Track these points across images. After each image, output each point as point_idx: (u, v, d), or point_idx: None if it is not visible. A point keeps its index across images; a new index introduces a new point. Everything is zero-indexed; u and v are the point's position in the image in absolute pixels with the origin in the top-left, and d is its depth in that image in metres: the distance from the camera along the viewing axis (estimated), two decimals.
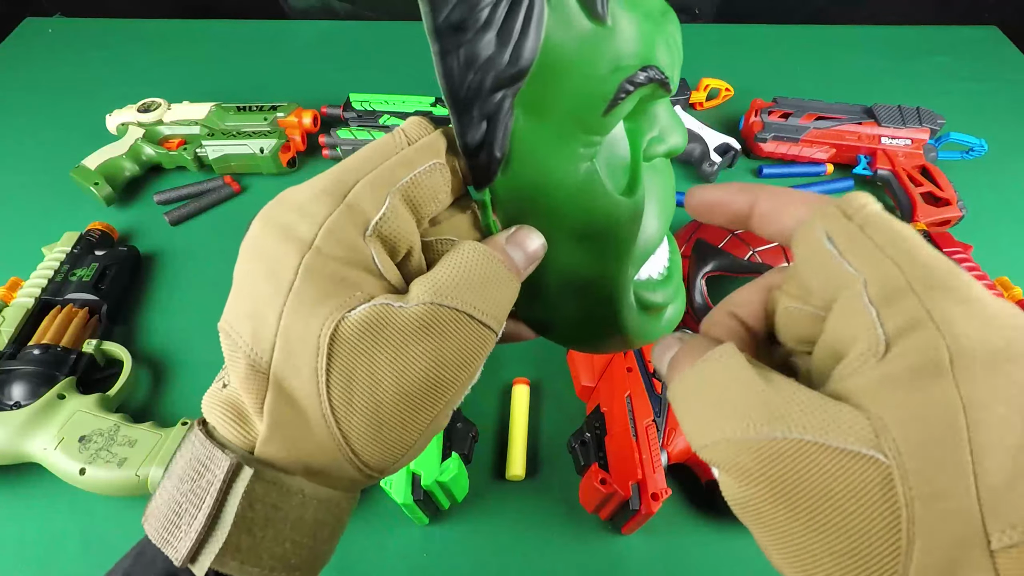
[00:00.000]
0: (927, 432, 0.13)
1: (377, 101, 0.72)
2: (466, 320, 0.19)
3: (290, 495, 0.18)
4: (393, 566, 0.42)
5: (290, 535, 0.18)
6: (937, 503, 0.13)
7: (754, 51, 0.92)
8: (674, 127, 0.25)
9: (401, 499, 0.38)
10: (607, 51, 0.20)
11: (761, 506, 0.16)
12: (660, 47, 0.21)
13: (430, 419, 0.19)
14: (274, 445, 0.18)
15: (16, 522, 0.44)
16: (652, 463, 0.40)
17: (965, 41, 0.94)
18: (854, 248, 0.16)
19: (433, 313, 0.18)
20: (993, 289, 0.54)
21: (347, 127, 0.70)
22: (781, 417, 0.15)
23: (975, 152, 0.71)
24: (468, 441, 0.43)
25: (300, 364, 0.18)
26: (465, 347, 0.19)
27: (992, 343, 0.14)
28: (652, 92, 0.22)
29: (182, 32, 0.94)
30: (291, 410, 0.18)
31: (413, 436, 0.19)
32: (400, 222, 0.19)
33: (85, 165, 0.65)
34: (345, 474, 0.19)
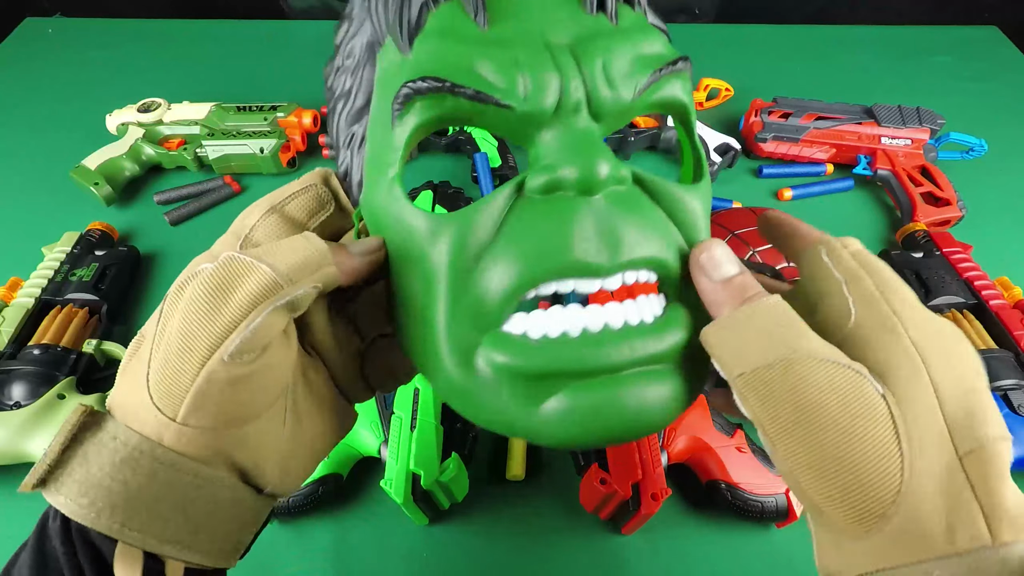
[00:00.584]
0: (908, 382, 0.19)
1: None
2: (249, 266, 0.21)
3: (102, 431, 0.20)
4: (393, 566, 0.42)
5: (97, 474, 0.19)
6: (916, 421, 0.19)
7: (754, 51, 0.92)
8: (568, 158, 0.21)
9: (401, 499, 0.38)
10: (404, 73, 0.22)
11: (787, 423, 0.20)
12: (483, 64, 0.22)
13: (202, 360, 0.20)
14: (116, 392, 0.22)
15: (16, 522, 0.44)
16: (652, 463, 0.40)
17: (965, 41, 0.94)
18: (840, 264, 0.22)
19: (225, 262, 0.21)
20: (993, 289, 0.54)
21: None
22: (820, 349, 0.20)
23: (975, 152, 0.71)
24: (468, 441, 0.43)
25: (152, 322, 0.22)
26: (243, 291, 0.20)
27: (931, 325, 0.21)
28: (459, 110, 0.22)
29: (182, 32, 0.94)
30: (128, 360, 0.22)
31: (187, 377, 0.20)
32: (271, 229, 0.25)
33: (85, 165, 0.65)
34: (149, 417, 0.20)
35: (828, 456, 0.19)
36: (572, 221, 0.21)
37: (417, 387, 0.44)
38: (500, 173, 0.67)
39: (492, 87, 0.22)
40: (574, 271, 0.21)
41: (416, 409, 0.43)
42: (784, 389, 0.19)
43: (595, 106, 0.22)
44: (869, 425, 0.19)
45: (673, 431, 0.43)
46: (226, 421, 0.21)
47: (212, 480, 0.21)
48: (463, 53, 0.22)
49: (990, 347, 0.49)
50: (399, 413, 0.42)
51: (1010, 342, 0.49)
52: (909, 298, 0.21)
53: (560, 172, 0.21)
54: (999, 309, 0.52)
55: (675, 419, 0.23)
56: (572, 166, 0.21)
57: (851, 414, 0.19)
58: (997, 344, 0.50)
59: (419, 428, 0.42)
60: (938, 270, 0.56)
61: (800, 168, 0.71)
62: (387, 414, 0.43)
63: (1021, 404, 0.46)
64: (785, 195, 0.68)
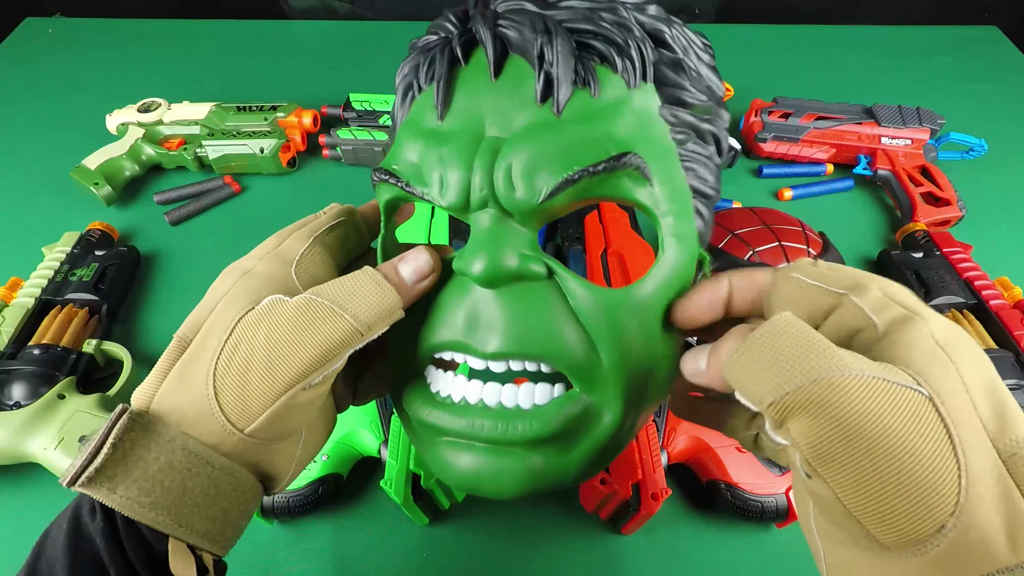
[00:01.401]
0: (946, 381, 0.18)
1: (377, 101, 0.72)
2: (329, 311, 0.23)
3: (158, 436, 0.21)
4: (393, 566, 0.42)
5: (157, 476, 0.21)
6: (962, 424, 0.17)
7: (754, 51, 0.92)
8: (473, 252, 0.24)
9: (401, 499, 0.38)
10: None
11: (833, 445, 0.18)
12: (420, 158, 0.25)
13: (286, 386, 0.22)
14: (161, 400, 0.23)
15: (16, 522, 0.44)
16: (652, 463, 0.40)
17: (965, 41, 0.94)
18: (833, 279, 0.22)
19: (306, 303, 0.23)
20: (993, 289, 0.54)
21: (347, 127, 0.70)
22: (853, 362, 0.18)
23: (975, 152, 0.71)
24: None
25: (211, 339, 0.23)
26: (327, 334, 0.22)
27: (945, 323, 0.20)
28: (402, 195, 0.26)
29: (182, 32, 0.94)
30: (186, 372, 0.23)
31: (270, 398, 0.22)
32: (316, 258, 0.27)
33: (85, 165, 0.65)
34: (213, 427, 0.22)
35: (883, 476, 0.17)
36: (465, 305, 0.25)
37: None
38: None
39: (421, 181, 0.25)
40: (461, 349, 0.25)
41: None
42: (826, 411, 0.18)
43: (503, 204, 0.23)
44: (924, 435, 0.17)
45: (673, 431, 0.43)
46: (282, 436, 0.24)
47: (246, 484, 0.24)
48: (411, 146, 0.25)
49: (990, 347, 0.49)
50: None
51: (1010, 342, 0.49)
52: (913, 297, 0.21)
53: (465, 264, 0.24)
54: (999, 309, 0.52)
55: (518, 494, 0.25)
56: (476, 260, 0.23)
57: (902, 427, 0.17)
58: (997, 344, 0.50)
59: None
60: (938, 270, 0.56)
61: (800, 168, 0.71)
62: (387, 414, 0.43)
63: (1021, 404, 0.46)
64: (785, 195, 0.68)
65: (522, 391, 0.25)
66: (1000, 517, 0.17)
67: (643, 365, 0.25)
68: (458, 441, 0.26)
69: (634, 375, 0.25)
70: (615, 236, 0.56)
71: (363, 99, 0.72)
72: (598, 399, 0.25)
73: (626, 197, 0.24)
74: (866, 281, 0.21)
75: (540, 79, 0.23)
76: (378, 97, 0.72)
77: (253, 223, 0.64)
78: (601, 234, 0.57)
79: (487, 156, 0.23)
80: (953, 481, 0.17)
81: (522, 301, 0.24)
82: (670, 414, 0.43)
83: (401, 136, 0.26)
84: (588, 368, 0.24)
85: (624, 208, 0.60)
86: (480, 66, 0.25)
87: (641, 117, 0.24)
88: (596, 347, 0.24)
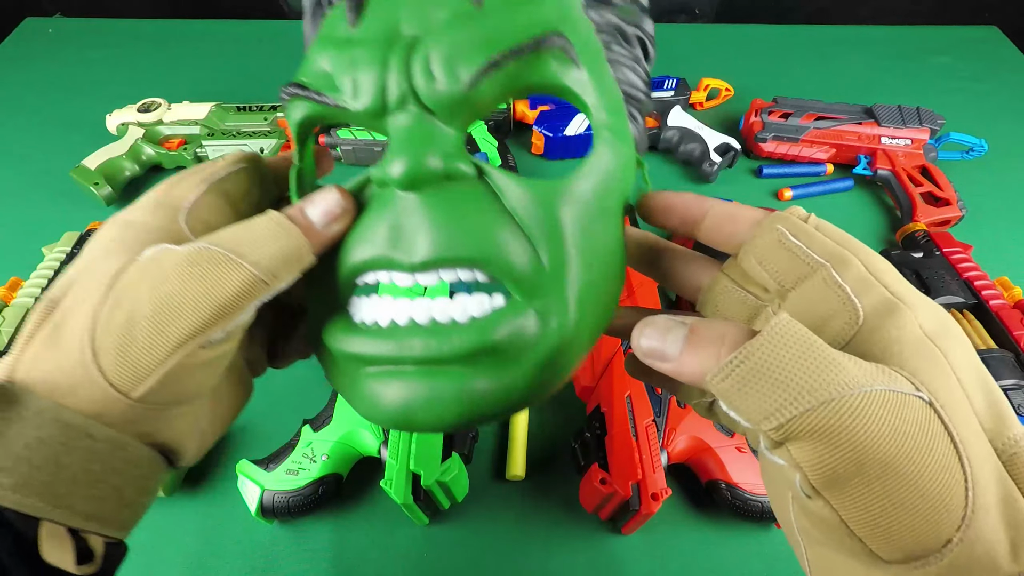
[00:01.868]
0: (942, 380, 0.17)
1: None
2: (226, 259, 0.20)
3: (23, 408, 0.19)
4: (393, 566, 0.42)
5: (23, 453, 0.18)
6: (963, 428, 0.16)
7: (754, 51, 0.92)
8: (394, 154, 0.21)
9: (401, 499, 0.38)
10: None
11: (843, 468, 0.16)
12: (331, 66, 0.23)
13: (178, 342, 0.19)
14: (24, 368, 0.20)
15: None
16: (652, 463, 0.40)
17: (965, 41, 0.94)
18: (814, 243, 0.20)
19: (198, 252, 0.20)
20: (993, 289, 0.54)
21: (347, 127, 0.70)
22: (859, 376, 0.16)
23: (975, 152, 0.71)
24: (468, 441, 0.43)
25: (87, 296, 0.20)
26: (224, 284, 0.20)
27: (930, 306, 0.19)
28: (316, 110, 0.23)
29: (182, 32, 0.94)
30: (58, 335, 0.20)
31: (159, 357, 0.19)
32: (213, 207, 0.23)
33: (85, 165, 0.65)
34: (94, 395, 0.19)
35: (893, 496, 0.16)
36: (387, 217, 0.22)
37: None
38: None
39: (332, 89, 0.23)
40: (384, 264, 0.22)
41: None
42: (837, 436, 0.16)
43: (424, 99, 0.22)
44: (931, 448, 0.16)
45: (673, 431, 0.43)
46: (177, 401, 0.21)
47: (141, 457, 0.21)
48: (323, 56, 0.23)
49: (990, 347, 0.49)
50: None
51: (1010, 342, 0.49)
52: (897, 277, 0.19)
53: (385, 168, 0.22)
54: (999, 309, 0.52)
55: (458, 422, 0.22)
56: (396, 162, 0.21)
57: (911, 443, 0.16)
58: (997, 344, 0.50)
59: None
60: (938, 270, 0.56)
61: (800, 168, 0.71)
62: None
63: (1021, 404, 0.46)
64: (785, 195, 0.68)
65: (456, 304, 0.23)
66: (1004, 525, 0.16)
67: (589, 265, 0.23)
68: (386, 369, 0.22)
69: (580, 277, 0.22)
70: None
71: None
72: (542, 306, 0.22)
73: (554, 82, 0.23)
74: (849, 253, 0.19)
75: None
76: None
77: None
78: None
79: (403, 52, 0.21)
80: (960, 494, 0.16)
81: (450, 203, 0.22)
82: (670, 414, 0.43)
83: (312, 51, 0.24)
84: (528, 272, 0.22)
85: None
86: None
87: (564, 7, 0.23)
88: (535, 246, 0.22)
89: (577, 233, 0.22)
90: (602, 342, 0.48)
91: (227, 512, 0.44)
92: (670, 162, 0.73)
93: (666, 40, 0.93)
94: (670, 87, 0.74)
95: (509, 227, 0.22)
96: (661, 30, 1.09)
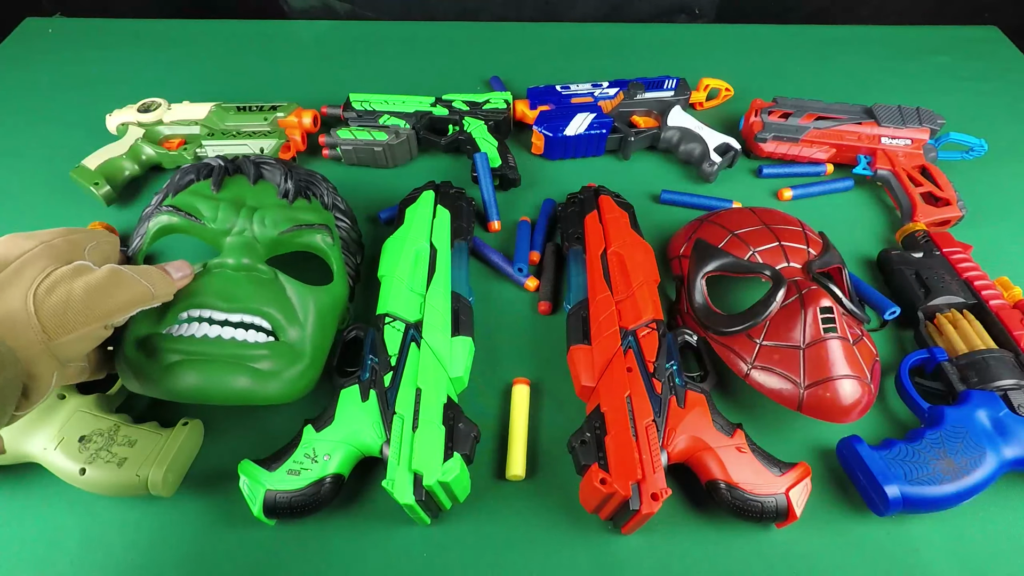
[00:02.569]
0: None
1: (377, 101, 0.72)
2: (134, 278, 0.38)
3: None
4: (394, 566, 0.42)
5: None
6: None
7: (754, 51, 0.92)
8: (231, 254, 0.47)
9: (403, 500, 0.38)
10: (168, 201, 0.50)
11: None
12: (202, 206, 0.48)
13: (101, 318, 0.36)
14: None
15: (16, 522, 0.44)
16: (652, 463, 0.40)
17: (965, 41, 0.94)
18: None
19: (116, 270, 0.38)
20: (993, 289, 0.54)
21: (347, 127, 0.70)
22: None
23: (975, 152, 0.71)
24: (470, 441, 0.43)
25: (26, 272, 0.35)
26: (134, 291, 0.38)
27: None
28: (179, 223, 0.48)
29: (182, 32, 0.94)
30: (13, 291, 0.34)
31: (83, 322, 0.35)
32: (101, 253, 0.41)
33: (85, 165, 0.65)
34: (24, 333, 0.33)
35: None
36: (217, 281, 0.45)
37: (419, 388, 0.44)
38: (499, 173, 0.67)
39: (199, 215, 0.48)
40: (210, 305, 0.44)
41: (418, 409, 0.43)
42: None
43: (257, 235, 0.48)
44: None
45: (673, 431, 0.43)
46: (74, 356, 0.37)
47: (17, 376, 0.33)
48: (195, 199, 0.49)
49: (990, 347, 0.49)
50: (401, 413, 0.42)
51: (1010, 342, 0.49)
52: None
53: (225, 259, 0.46)
54: (999, 309, 0.52)
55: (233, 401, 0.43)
56: (232, 258, 0.46)
57: None
58: (997, 344, 0.50)
59: (421, 428, 0.42)
60: (938, 270, 0.56)
61: (800, 168, 0.71)
62: (389, 414, 0.43)
63: (1021, 404, 0.46)
64: (785, 195, 0.68)
65: (248, 333, 0.44)
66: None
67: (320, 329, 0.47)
68: (193, 359, 0.41)
69: (313, 335, 0.46)
70: (615, 236, 0.56)
71: (363, 99, 0.72)
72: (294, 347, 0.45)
73: (317, 245, 0.50)
74: None
75: (283, 188, 0.51)
76: (378, 97, 0.72)
77: None
78: (601, 234, 0.57)
79: (248, 212, 0.48)
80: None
81: (255, 283, 0.46)
82: (670, 414, 0.44)
83: (184, 195, 0.49)
84: (288, 326, 0.46)
85: (623, 208, 0.60)
86: (242, 179, 0.51)
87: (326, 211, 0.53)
88: (296, 315, 0.46)
89: (315, 314, 0.47)
90: (602, 344, 0.48)
91: (229, 512, 0.44)
92: (670, 162, 0.73)
93: (666, 40, 0.94)
94: (670, 87, 0.74)
95: (284, 302, 0.46)
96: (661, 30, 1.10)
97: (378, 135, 0.68)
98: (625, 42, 0.93)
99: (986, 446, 0.44)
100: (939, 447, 0.44)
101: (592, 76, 0.78)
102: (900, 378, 0.50)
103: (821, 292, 0.47)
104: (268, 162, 0.52)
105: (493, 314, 0.57)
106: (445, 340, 0.48)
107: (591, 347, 0.49)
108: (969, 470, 0.43)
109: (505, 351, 0.54)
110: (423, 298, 0.50)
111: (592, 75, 0.79)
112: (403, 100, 0.72)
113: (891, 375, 0.53)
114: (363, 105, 0.72)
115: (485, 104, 0.72)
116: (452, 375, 0.47)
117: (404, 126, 0.70)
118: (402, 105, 0.72)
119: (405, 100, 0.72)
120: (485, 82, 0.85)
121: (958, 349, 0.50)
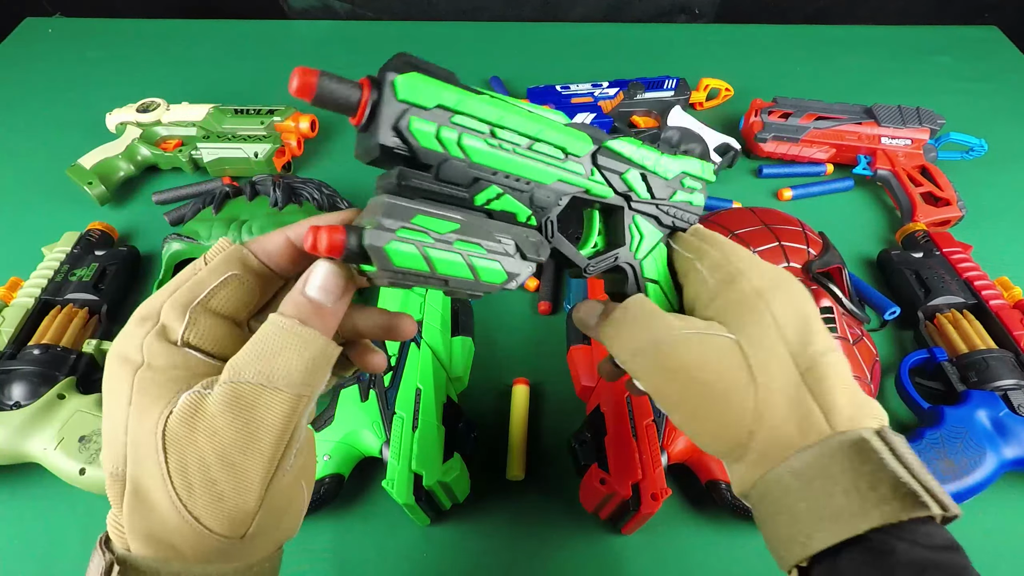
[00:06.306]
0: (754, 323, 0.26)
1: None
2: (261, 390, 0.21)
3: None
4: (394, 566, 0.42)
5: None
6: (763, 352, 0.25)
7: (754, 51, 0.92)
8: None
9: (403, 499, 0.38)
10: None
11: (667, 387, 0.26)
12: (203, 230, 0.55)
13: (260, 478, 0.21)
14: (137, 541, 0.21)
15: (16, 522, 0.44)
16: (652, 463, 0.40)
17: (965, 41, 0.94)
18: (688, 246, 0.31)
19: (232, 390, 0.21)
20: (993, 289, 0.54)
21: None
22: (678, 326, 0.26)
23: (975, 152, 0.71)
24: (470, 441, 0.43)
25: (147, 464, 0.20)
26: (267, 413, 0.21)
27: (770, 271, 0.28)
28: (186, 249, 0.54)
29: (182, 32, 0.94)
30: (145, 505, 0.20)
31: (252, 497, 0.21)
32: (206, 327, 0.22)
33: (81, 164, 0.64)
34: (211, 547, 0.21)
35: (699, 409, 0.25)
36: None
37: (419, 387, 0.44)
38: None
39: (200, 238, 0.54)
40: None
41: (418, 409, 0.43)
42: (657, 365, 0.26)
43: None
44: (729, 365, 0.25)
45: (673, 431, 0.43)
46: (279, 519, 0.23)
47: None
48: (198, 224, 0.55)
49: (990, 347, 0.49)
50: (401, 413, 0.42)
51: (1010, 342, 0.49)
52: (746, 254, 0.28)
53: None
54: (999, 309, 0.52)
55: None
56: None
57: (711, 363, 0.25)
58: (997, 344, 0.50)
59: (421, 428, 0.42)
60: (938, 270, 0.56)
61: (800, 168, 0.71)
62: (389, 414, 0.43)
63: (1021, 404, 0.46)
64: (785, 195, 0.68)
65: None
66: (793, 418, 0.24)
67: None
68: None
69: None
70: None
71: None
72: None
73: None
74: (707, 247, 0.29)
75: (272, 197, 0.56)
76: None
77: None
78: None
79: (239, 224, 0.53)
80: (750, 396, 0.24)
81: None
82: None
83: (191, 222, 0.56)
84: None
85: None
86: (242, 200, 0.57)
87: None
88: None
89: None
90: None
91: None
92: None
93: (666, 40, 0.93)
94: (670, 87, 0.74)
95: None
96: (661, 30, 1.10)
97: None
98: (625, 42, 0.93)
99: (986, 446, 0.44)
100: (939, 447, 0.44)
101: (592, 76, 0.78)
102: (900, 378, 0.50)
103: (821, 292, 0.47)
104: (262, 178, 0.58)
105: (493, 314, 0.57)
106: (445, 340, 0.48)
107: (591, 347, 0.49)
108: (969, 470, 0.43)
109: (505, 351, 0.54)
110: (423, 298, 0.50)
111: (592, 75, 0.79)
112: None
113: (891, 375, 0.53)
114: None
115: None
116: (452, 375, 0.47)
117: None
118: None
119: None
120: (485, 82, 0.85)
121: (958, 349, 0.50)
